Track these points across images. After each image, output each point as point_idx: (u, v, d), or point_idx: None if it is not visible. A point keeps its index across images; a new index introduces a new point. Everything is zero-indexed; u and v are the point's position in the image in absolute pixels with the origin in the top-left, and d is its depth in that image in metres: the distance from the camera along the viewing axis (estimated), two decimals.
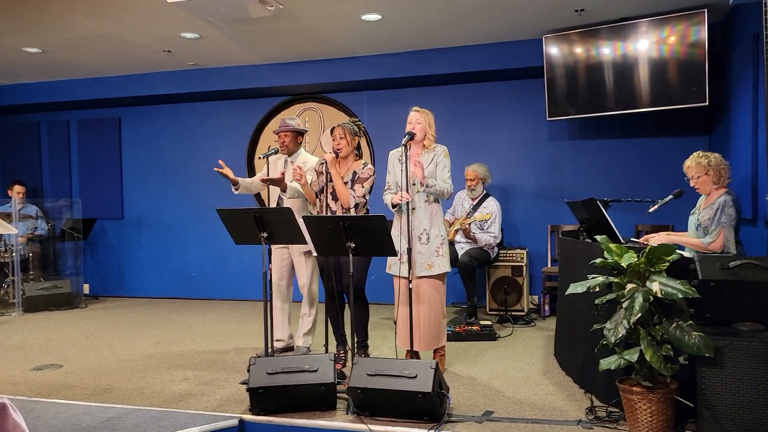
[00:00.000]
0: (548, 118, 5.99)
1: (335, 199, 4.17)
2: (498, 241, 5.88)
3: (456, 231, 5.84)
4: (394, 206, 4.04)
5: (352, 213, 4.11)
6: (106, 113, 8.00)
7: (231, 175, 4.46)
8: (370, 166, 4.23)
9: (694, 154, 3.95)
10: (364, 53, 6.52)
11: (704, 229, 3.86)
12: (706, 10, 5.06)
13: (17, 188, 7.29)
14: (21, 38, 5.81)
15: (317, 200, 4.27)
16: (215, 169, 4.45)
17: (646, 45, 5.37)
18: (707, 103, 5.19)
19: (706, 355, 2.80)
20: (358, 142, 4.28)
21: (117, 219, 8.02)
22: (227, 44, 6.11)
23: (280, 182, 4.30)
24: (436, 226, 4.05)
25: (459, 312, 6.20)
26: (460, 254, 5.75)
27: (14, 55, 6.40)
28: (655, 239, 3.87)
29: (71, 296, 7.13)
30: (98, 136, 8.04)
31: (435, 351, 4.16)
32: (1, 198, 7.36)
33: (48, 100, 7.68)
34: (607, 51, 5.55)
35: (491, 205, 5.87)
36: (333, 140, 4.22)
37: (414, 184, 4.00)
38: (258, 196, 7.23)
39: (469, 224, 5.74)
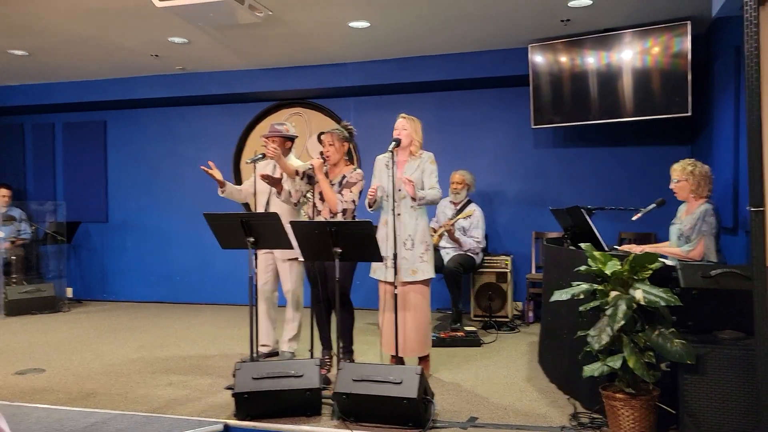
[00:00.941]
0: (533, 126, 6.05)
1: (322, 199, 4.18)
2: (482, 246, 5.92)
3: (440, 235, 5.87)
4: (370, 206, 4.06)
5: (339, 218, 4.12)
6: (91, 116, 7.95)
7: (218, 176, 4.47)
8: (359, 171, 4.25)
9: (686, 159, 4.08)
10: (351, 60, 6.55)
11: (686, 239, 3.94)
12: (689, 22, 5.14)
13: (2, 191, 7.22)
14: (7, 40, 5.76)
15: (306, 201, 4.27)
16: (202, 167, 4.45)
17: (630, 55, 5.45)
18: (690, 113, 5.27)
19: (688, 362, 2.84)
20: (349, 148, 4.29)
21: (101, 222, 7.96)
22: (215, 49, 6.11)
23: (277, 182, 4.30)
24: (420, 232, 4.07)
25: (443, 318, 6.22)
26: (445, 260, 5.78)
27: (0, 58, 6.35)
28: (638, 250, 3.92)
29: (54, 300, 7.06)
30: (84, 139, 7.98)
31: (421, 357, 4.18)
32: None
33: (33, 102, 7.61)
34: (591, 60, 5.62)
35: (474, 208, 5.92)
36: (323, 147, 4.23)
37: (399, 190, 4.03)
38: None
39: (453, 224, 5.76)
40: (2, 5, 4.80)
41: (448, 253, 5.87)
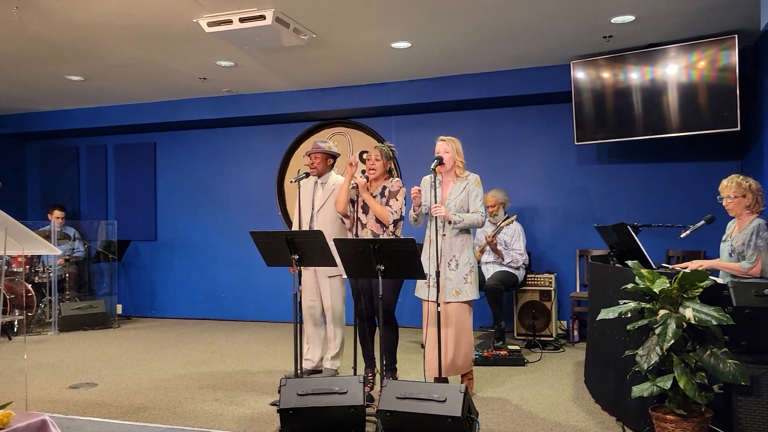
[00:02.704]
0: (576, 143, 6.00)
1: (366, 212, 4.23)
2: (524, 258, 5.86)
3: (482, 250, 5.85)
4: (415, 220, 4.07)
5: (391, 229, 4.18)
6: (142, 138, 8.24)
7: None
8: (397, 179, 4.29)
9: (733, 175, 3.94)
10: (393, 79, 6.63)
11: (738, 255, 3.81)
12: (736, 35, 5.04)
13: (57, 213, 7.51)
14: (65, 66, 6.05)
15: (347, 218, 4.33)
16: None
17: (675, 70, 5.37)
18: (739, 128, 5.15)
19: (742, 383, 2.76)
20: (391, 166, 4.35)
21: (150, 240, 8.19)
22: (261, 71, 6.28)
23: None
24: (466, 253, 4.06)
25: (486, 336, 6.17)
26: (486, 276, 5.75)
27: (57, 83, 6.66)
28: (694, 266, 3.80)
29: (105, 316, 7.28)
30: (134, 160, 8.27)
31: (463, 375, 4.15)
32: (42, 219, 7.59)
33: (87, 125, 7.93)
34: (635, 76, 5.56)
35: (513, 220, 5.89)
36: (368, 160, 4.29)
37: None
38: (286, 217, 7.35)
39: (495, 236, 5.73)
40: (61, 32, 5.06)
41: (489, 269, 5.84)
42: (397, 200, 4.21)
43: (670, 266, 4.12)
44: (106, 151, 8.43)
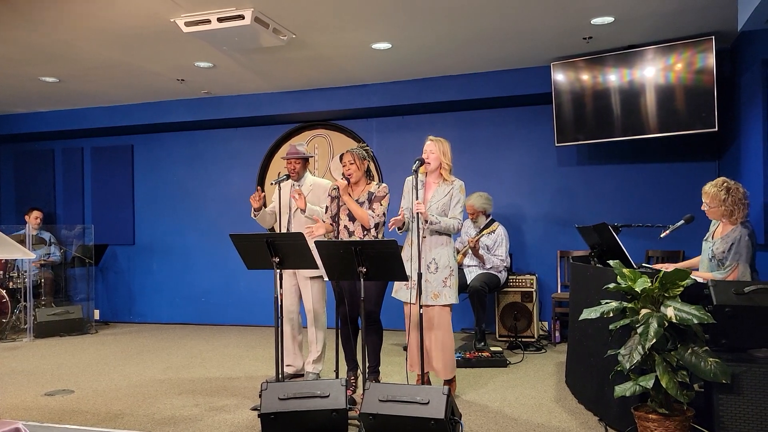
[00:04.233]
0: (557, 144, 6.03)
1: (352, 219, 4.20)
2: (506, 264, 5.87)
3: (464, 254, 5.85)
4: (399, 230, 4.05)
5: (373, 233, 4.15)
6: (119, 140, 8.12)
7: (259, 202, 4.58)
8: (384, 185, 4.27)
9: (719, 180, 3.80)
10: (373, 81, 6.61)
11: (718, 261, 3.77)
12: (713, 37, 5.10)
13: (35, 214, 7.37)
14: (39, 68, 5.93)
15: (332, 225, 4.29)
16: (258, 189, 4.57)
17: (653, 72, 5.42)
18: (716, 129, 5.20)
19: (723, 381, 2.78)
20: (368, 167, 4.33)
21: (128, 245, 8.07)
22: (240, 73, 6.21)
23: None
24: (445, 257, 4.04)
25: (468, 338, 6.16)
26: (469, 279, 5.74)
27: (32, 85, 6.53)
28: (669, 268, 3.79)
29: (82, 322, 7.14)
30: (111, 163, 8.15)
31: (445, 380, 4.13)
32: (16, 224, 7.43)
33: (63, 128, 7.80)
34: (614, 78, 5.60)
35: (497, 225, 5.89)
36: (343, 166, 4.27)
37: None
38: None
39: (477, 240, 5.73)
40: (34, 33, 4.96)
41: (471, 272, 5.84)
42: (381, 205, 4.18)
43: (652, 265, 4.14)
44: (83, 153, 8.29)
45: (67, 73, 6.12)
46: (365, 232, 4.17)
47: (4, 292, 6.79)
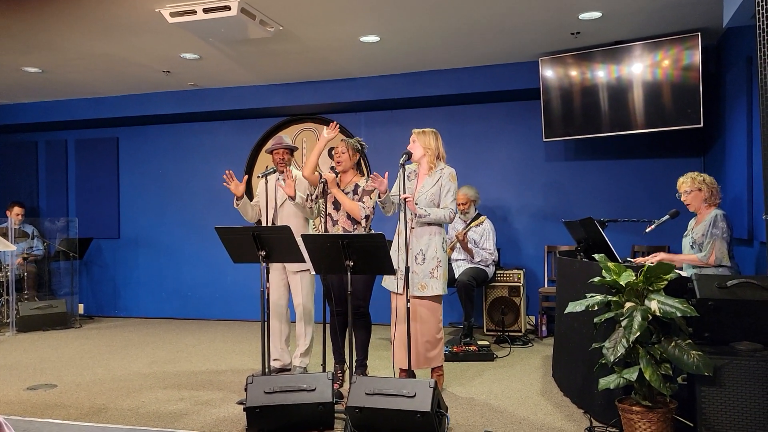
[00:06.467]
0: (545, 139, 6.04)
1: (337, 208, 4.18)
2: (494, 257, 5.88)
3: (452, 247, 5.85)
4: (383, 206, 4.02)
5: (363, 224, 4.14)
6: (104, 133, 8.03)
7: (239, 190, 4.51)
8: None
9: (689, 173, 4.18)
10: (362, 74, 6.58)
11: (699, 246, 3.94)
12: (699, 33, 5.13)
13: (16, 209, 7.27)
14: (21, 57, 5.85)
15: (320, 218, 4.28)
16: (228, 172, 4.48)
17: (640, 68, 5.44)
18: (702, 125, 5.24)
19: (705, 374, 2.80)
20: (359, 160, 4.32)
21: (113, 238, 8.00)
22: (226, 65, 6.16)
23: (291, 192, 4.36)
24: (433, 248, 4.04)
25: (456, 332, 6.18)
26: (457, 273, 5.75)
27: (14, 75, 6.44)
28: (653, 260, 3.91)
29: (66, 316, 7.07)
30: (96, 156, 8.06)
31: (433, 370, 4.14)
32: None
33: (46, 119, 7.70)
34: (601, 74, 5.62)
35: (484, 218, 5.90)
36: (335, 154, 4.26)
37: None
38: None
39: (465, 234, 5.74)
40: (16, 22, 4.88)
41: (459, 266, 5.84)
42: (371, 198, 4.17)
43: (634, 260, 4.20)
44: (66, 146, 8.20)
45: (50, 62, 6.03)
46: (355, 225, 4.16)
47: None
